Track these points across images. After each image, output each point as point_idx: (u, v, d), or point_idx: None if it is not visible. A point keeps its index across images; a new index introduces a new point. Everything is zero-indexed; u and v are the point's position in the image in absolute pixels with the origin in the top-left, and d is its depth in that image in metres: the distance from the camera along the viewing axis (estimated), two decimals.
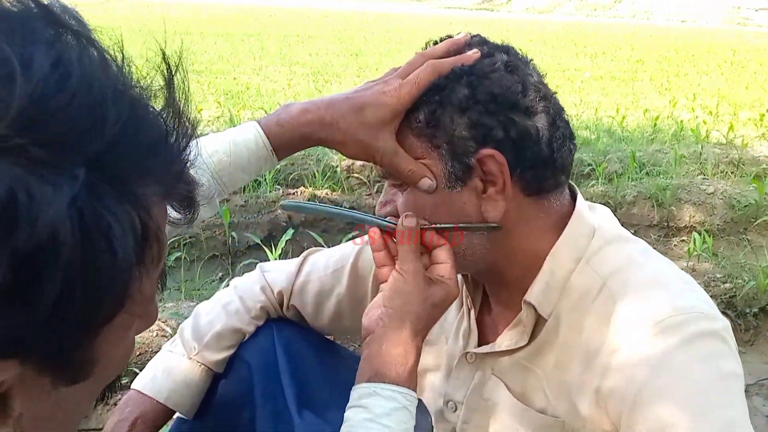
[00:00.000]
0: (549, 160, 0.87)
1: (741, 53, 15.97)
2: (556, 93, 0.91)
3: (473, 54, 0.87)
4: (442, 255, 0.89)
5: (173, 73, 0.47)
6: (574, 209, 0.92)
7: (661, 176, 4.13)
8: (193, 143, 0.48)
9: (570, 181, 0.95)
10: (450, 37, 0.94)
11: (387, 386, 0.83)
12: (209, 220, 3.16)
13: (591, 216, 0.93)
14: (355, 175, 3.91)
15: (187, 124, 0.47)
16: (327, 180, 3.76)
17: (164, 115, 0.46)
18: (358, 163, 3.94)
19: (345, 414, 0.83)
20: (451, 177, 0.87)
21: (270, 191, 3.50)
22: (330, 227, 3.31)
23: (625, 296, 0.85)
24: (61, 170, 0.37)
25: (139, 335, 1.96)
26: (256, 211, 3.30)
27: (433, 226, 0.89)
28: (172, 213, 0.50)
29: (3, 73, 0.37)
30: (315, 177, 3.74)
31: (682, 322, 0.80)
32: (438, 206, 0.89)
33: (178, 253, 2.92)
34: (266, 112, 5.32)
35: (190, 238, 3.07)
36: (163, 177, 0.45)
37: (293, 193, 3.43)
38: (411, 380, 0.85)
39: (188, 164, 0.48)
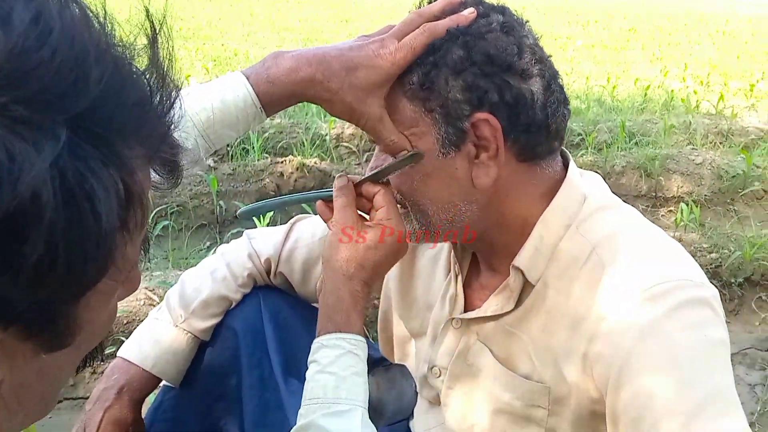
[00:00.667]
0: (543, 125, 0.86)
1: (733, 23, 15.91)
2: (551, 56, 0.90)
3: (469, 14, 0.85)
4: (379, 199, 0.90)
5: (157, 31, 0.46)
6: (565, 176, 0.92)
7: (650, 146, 4.14)
8: (177, 105, 0.47)
9: (563, 148, 0.94)
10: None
11: (330, 336, 0.86)
12: (196, 189, 3.14)
13: (582, 183, 0.93)
14: (345, 143, 3.89)
15: (171, 85, 0.46)
16: (316, 149, 3.74)
17: (148, 76, 0.45)
18: (348, 131, 3.92)
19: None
20: (444, 143, 0.85)
21: (258, 159, 3.47)
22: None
23: (614, 263, 0.85)
24: (43, 129, 0.36)
25: (126, 304, 1.96)
26: (244, 179, 3.28)
27: (364, 178, 0.92)
28: (155, 176, 0.49)
29: None
30: (304, 146, 3.71)
31: (670, 289, 0.80)
32: (428, 173, 0.88)
33: (166, 222, 2.91)
34: None
35: (177, 206, 3.06)
36: (148, 139, 0.44)
37: (282, 161, 3.41)
38: (350, 324, 0.87)
39: (172, 126, 0.47)
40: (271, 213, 2.79)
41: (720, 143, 4.57)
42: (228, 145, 3.62)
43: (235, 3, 12.97)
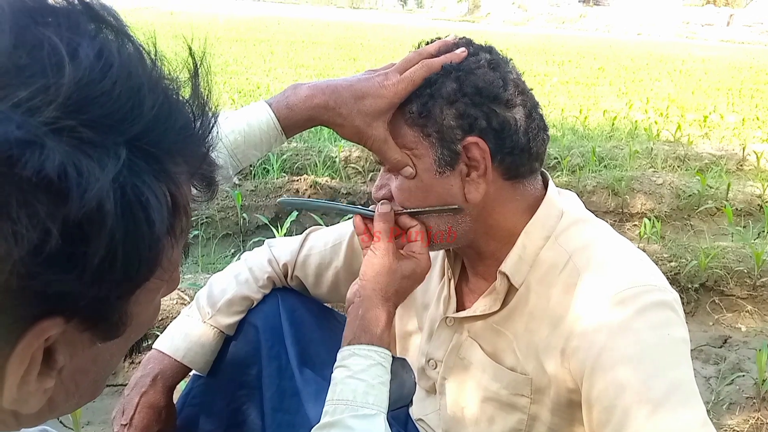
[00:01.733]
0: (525, 148, 0.87)
1: (688, 63, 15.96)
2: (532, 89, 0.91)
3: (461, 52, 0.87)
4: (414, 233, 0.90)
5: (198, 65, 0.47)
6: (545, 194, 0.92)
7: (617, 169, 4.14)
8: (214, 130, 0.48)
9: (542, 169, 0.95)
10: (440, 38, 0.93)
11: (363, 347, 0.85)
12: (223, 203, 3.14)
13: (560, 200, 0.93)
14: (352, 165, 3.90)
15: (210, 112, 0.47)
16: (327, 169, 3.74)
17: (191, 104, 0.46)
18: (355, 154, 3.92)
19: (332, 374, 0.85)
20: (440, 162, 0.86)
21: (277, 178, 3.48)
22: (330, 212, 3.29)
23: (588, 270, 0.85)
24: (106, 149, 0.37)
25: (161, 304, 1.96)
26: (265, 195, 3.28)
27: (405, 210, 0.90)
28: (194, 191, 0.49)
29: (53, 61, 0.36)
30: (316, 166, 3.72)
31: (637, 293, 0.80)
32: (427, 189, 0.88)
33: (196, 232, 2.90)
34: None
35: (206, 218, 3.05)
36: (191, 158, 0.45)
37: (297, 180, 3.41)
38: (383, 340, 0.86)
39: (211, 148, 0.48)
40: (288, 225, 2.78)
41: (678, 167, 4.57)
42: (251, 165, 3.63)
43: (257, 43, 13.02)
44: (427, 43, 0.93)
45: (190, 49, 0.47)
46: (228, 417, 1.12)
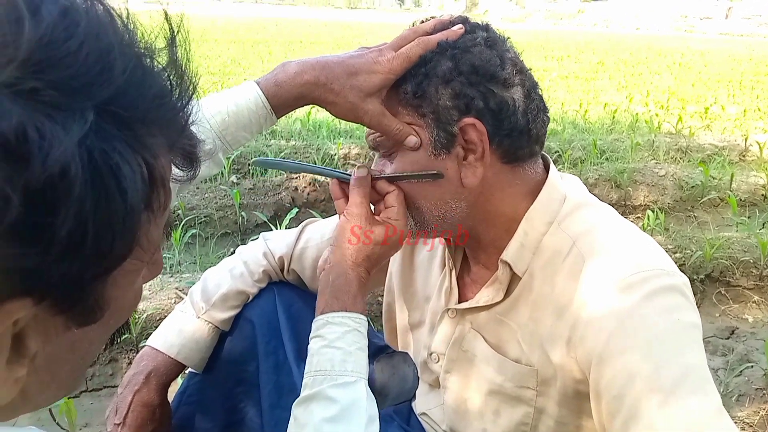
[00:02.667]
0: (524, 130, 0.83)
1: (687, 56, 15.92)
2: (530, 69, 0.87)
3: (458, 29, 0.83)
4: (390, 199, 0.87)
5: (175, 32, 0.44)
6: (546, 178, 0.88)
7: (619, 161, 4.11)
8: (194, 101, 0.45)
9: (543, 153, 0.91)
10: (435, 18, 0.90)
11: (336, 314, 0.82)
12: (221, 201, 3.11)
13: (562, 184, 0.90)
14: (351, 162, 3.86)
15: (188, 82, 0.44)
16: (323, 162, 3.71)
17: (168, 72, 0.43)
18: (354, 151, 3.89)
19: (308, 346, 0.82)
20: (436, 145, 0.83)
21: (275, 176, 3.45)
22: (329, 208, 3.26)
23: (593, 255, 0.81)
24: (72, 112, 0.34)
25: (158, 303, 1.92)
26: (263, 193, 3.25)
27: (383, 176, 0.87)
28: (176, 170, 0.46)
29: (12, 18, 0.34)
30: (316, 164, 3.69)
31: (645, 278, 0.76)
32: (421, 171, 0.85)
33: (194, 231, 2.87)
34: None
35: (204, 217, 3.02)
36: (167, 129, 0.42)
37: (296, 178, 3.38)
38: (356, 305, 0.83)
39: (190, 119, 0.44)
40: (287, 222, 2.75)
41: (680, 158, 4.54)
42: (249, 164, 3.60)
43: (255, 44, 13.01)
44: (422, 22, 0.90)
45: (166, 14, 0.44)
46: (225, 415, 1.09)
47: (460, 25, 0.84)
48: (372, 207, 0.89)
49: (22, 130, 0.32)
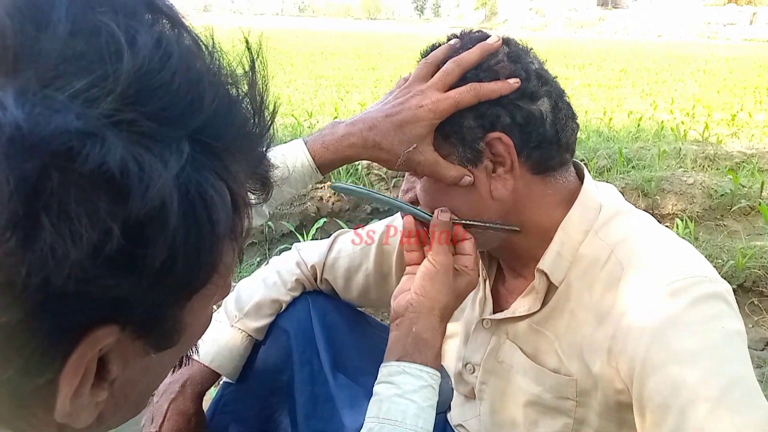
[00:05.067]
0: (554, 140, 0.82)
1: (712, 62, 15.70)
2: (556, 77, 0.86)
3: (514, 83, 0.80)
4: (467, 247, 0.84)
5: (255, 59, 0.44)
6: (581, 186, 0.87)
7: (646, 170, 4.05)
8: (272, 127, 0.45)
9: (576, 161, 0.90)
10: (480, 33, 0.87)
11: (415, 366, 0.79)
12: None
13: (597, 192, 0.89)
14: (375, 171, 3.87)
15: (267, 108, 0.44)
16: (350, 176, 3.72)
17: (248, 99, 0.43)
18: None
19: (374, 389, 0.79)
20: (463, 162, 0.82)
21: None
22: (354, 218, 3.27)
23: (632, 263, 0.80)
24: (168, 144, 0.34)
25: None
26: (290, 203, 3.26)
27: (462, 222, 0.84)
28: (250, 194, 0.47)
29: (112, 48, 0.34)
30: (339, 173, 3.70)
31: (688, 285, 0.75)
32: (452, 189, 0.84)
33: None
34: (295, 118, 5.29)
35: None
36: (250, 156, 0.42)
37: (321, 187, 3.39)
38: (437, 362, 0.81)
39: (269, 146, 0.45)
40: (314, 232, 2.76)
41: (708, 166, 4.47)
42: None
43: (277, 55, 13.16)
44: (458, 37, 0.88)
45: (247, 41, 0.44)
46: (259, 424, 1.09)
47: (517, 79, 0.80)
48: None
49: (124, 163, 0.32)
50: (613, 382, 0.80)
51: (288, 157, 0.86)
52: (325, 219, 3.05)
